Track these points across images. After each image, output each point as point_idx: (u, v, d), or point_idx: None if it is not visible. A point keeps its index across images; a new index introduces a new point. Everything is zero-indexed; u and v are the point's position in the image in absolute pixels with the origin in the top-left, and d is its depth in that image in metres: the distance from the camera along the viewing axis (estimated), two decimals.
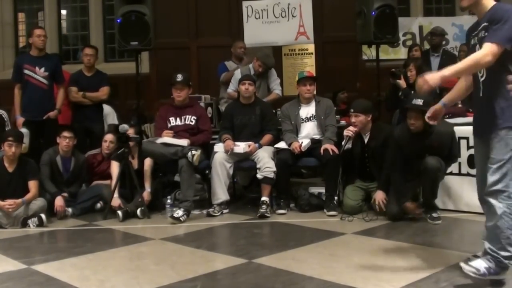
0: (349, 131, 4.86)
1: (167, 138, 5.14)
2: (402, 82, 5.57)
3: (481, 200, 3.14)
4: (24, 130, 5.45)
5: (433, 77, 2.86)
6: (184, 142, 5.07)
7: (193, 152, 4.88)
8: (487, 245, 2.95)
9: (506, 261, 2.88)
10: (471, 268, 2.87)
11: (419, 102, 4.35)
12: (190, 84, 5.46)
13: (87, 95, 6.19)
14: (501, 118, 2.92)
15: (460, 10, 3.20)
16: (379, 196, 4.71)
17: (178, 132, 5.27)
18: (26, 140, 5.32)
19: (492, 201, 2.91)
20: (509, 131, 2.90)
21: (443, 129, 4.48)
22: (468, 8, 3.08)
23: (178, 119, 5.37)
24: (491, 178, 2.91)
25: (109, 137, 5.62)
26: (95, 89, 6.27)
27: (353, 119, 4.90)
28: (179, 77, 5.30)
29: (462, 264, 2.90)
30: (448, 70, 2.89)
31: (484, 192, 2.98)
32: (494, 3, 2.99)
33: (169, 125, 5.35)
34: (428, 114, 3.36)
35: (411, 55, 6.72)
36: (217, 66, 6.79)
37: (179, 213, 4.78)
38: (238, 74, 5.98)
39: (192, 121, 5.35)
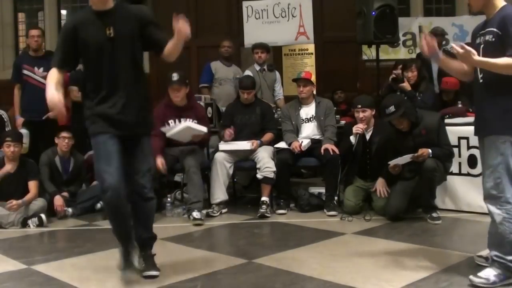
0: (358, 129, 4.84)
1: (190, 123, 4.91)
2: (406, 85, 5.53)
3: None
4: (23, 131, 5.44)
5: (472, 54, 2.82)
6: (204, 128, 4.93)
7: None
8: (492, 252, 2.95)
9: None
10: (481, 279, 2.88)
11: (392, 109, 4.42)
12: (187, 82, 5.15)
13: None
14: (493, 125, 2.92)
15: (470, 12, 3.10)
16: (381, 183, 4.74)
17: None
18: (26, 140, 5.32)
19: (490, 207, 2.92)
20: (499, 137, 2.90)
21: (429, 118, 4.57)
22: (479, 10, 3.03)
23: (177, 120, 5.10)
24: (486, 183, 2.94)
25: None
26: None
27: (360, 115, 4.86)
28: (175, 76, 5.00)
29: (471, 277, 2.90)
30: (481, 58, 2.85)
31: (483, 196, 2.99)
32: (505, 3, 2.95)
33: (168, 127, 5.01)
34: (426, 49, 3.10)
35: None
36: None
37: (198, 214, 4.76)
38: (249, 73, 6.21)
39: None
